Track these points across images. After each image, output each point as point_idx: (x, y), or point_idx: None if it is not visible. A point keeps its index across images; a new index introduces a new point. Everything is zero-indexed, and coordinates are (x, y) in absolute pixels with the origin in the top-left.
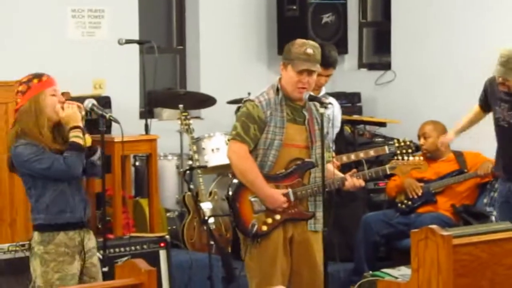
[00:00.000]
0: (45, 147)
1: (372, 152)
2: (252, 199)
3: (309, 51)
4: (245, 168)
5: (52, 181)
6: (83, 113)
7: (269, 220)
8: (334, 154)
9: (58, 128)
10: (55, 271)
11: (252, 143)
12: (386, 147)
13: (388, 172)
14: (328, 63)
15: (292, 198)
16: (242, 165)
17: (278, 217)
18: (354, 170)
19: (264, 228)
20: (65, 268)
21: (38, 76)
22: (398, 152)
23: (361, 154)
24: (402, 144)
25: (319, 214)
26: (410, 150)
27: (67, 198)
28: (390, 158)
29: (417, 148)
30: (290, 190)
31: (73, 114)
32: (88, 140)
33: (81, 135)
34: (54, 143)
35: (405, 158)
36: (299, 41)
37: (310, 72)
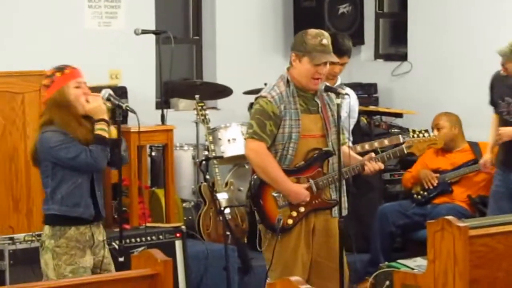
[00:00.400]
0: (74, 137)
1: (386, 142)
2: (275, 195)
3: (325, 41)
4: (265, 166)
5: (72, 173)
6: (109, 105)
7: (294, 213)
8: (348, 136)
9: (86, 120)
10: (67, 264)
11: (270, 140)
12: (400, 136)
13: (405, 152)
14: (341, 51)
15: (314, 189)
16: (263, 163)
17: (302, 209)
18: (372, 154)
19: (290, 221)
20: (77, 261)
21: (61, 69)
22: None
23: (376, 144)
24: (418, 133)
25: (343, 199)
26: None
27: (83, 193)
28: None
29: None
30: (311, 181)
31: (98, 107)
32: (113, 132)
33: (106, 128)
34: (82, 135)
35: (420, 136)
36: (312, 31)
37: (326, 63)
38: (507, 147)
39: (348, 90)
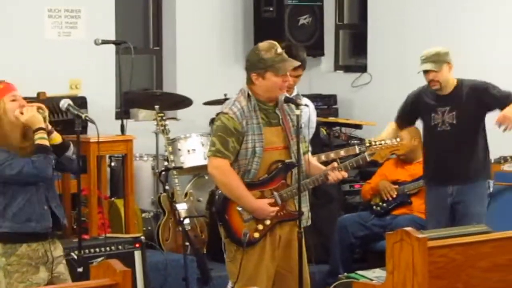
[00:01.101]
0: (15, 153)
1: (342, 152)
2: (240, 209)
3: (279, 50)
4: (229, 183)
5: (22, 188)
6: (47, 113)
7: (260, 227)
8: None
9: (28, 131)
10: (19, 282)
11: (233, 156)
12: (357, 147)
13: (368, 159)
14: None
15: (279, 201)
16: (227, 180)
17: (268, 222)
18: (335, 163)
19: (256, 235)
20: (29, 278)
21: None
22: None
23: (332, 155)
24: (373, 144)
25: (306, 209)
26: None
27: (35, 207)
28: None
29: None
30: (275, 194)
31: (33, 117)
32: (57, 137)
33: (45, 136)
34: (24, 147)
35: (382, 142)
36: (262, 45)
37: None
38: (436, 164)
39: (305, 100)
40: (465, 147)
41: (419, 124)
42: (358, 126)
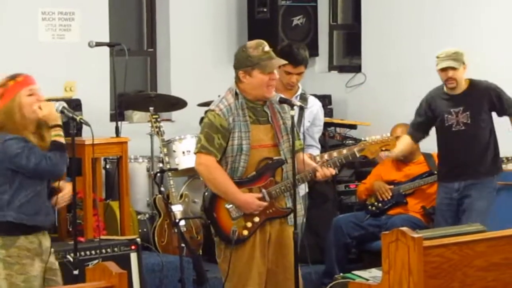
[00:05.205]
0: (33, 144)
1: (345, 151)
2: (228, 206)
3: (266, 48)
4: (214, 179)
5: (31, 181)
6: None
7: (249, 224)
8: (308, 156)
9: (40, 128)
10: (19, 273)
11: (218, 153)
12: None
13: (358, 155)
14: (297, 61)
15: (267, 198)
16: (212, 176)
17: (257, 219)
18: (324, 159)
19: (245, 232)
20: (28, 270)
21: (13, 77)
22: None
23: (335, 154)
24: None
25: (299, 207)
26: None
27: (43, 201)
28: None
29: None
30: (264, 191)
31: (52, 113)
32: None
33: (61, 133)
34: (35, 142)
35: (373, 137)
36: (250, 44)
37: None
38: (450, 163)
39: (312, 98)
40: (479, 144)
41: None
42: (352, 126)
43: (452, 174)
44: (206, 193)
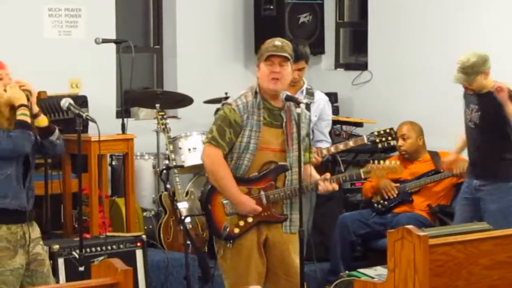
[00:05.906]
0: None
1: (351, 143)
2: (225, 202)
3: (277, 43)
4: (217, 172)
5: (1, 163)
6: (32, 92)
7: (241, 223)
8: (314, 151)
9: (11, 110)
10: None
11: (227, 147)
12: (365, 136)
13: (363, 177)
14: (296, 56)
15: (264, 201)
16: (215, 169)
17: (250, 219)
18: (328, 174)
19: (236, 230)
20: (4, 264)
21: None
22: (378, 140)
23: (341, 146)
24: (382, 132)
25: (295, 217)
26: (390, 138)
27: (12, 183)
28: (368, 159)
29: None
30: (263, 193)
31: (15, 94)
32: (44, 120)
33: (26, 112)
34: (5, 125)
35: (381, 162)
36: (269, 39)
37: (280, 63)
38: (468, 157)
39: (318, 93)
40: (487, 146)
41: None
42: (358, 124)
43: (469, 169)
44: (205, 185)
